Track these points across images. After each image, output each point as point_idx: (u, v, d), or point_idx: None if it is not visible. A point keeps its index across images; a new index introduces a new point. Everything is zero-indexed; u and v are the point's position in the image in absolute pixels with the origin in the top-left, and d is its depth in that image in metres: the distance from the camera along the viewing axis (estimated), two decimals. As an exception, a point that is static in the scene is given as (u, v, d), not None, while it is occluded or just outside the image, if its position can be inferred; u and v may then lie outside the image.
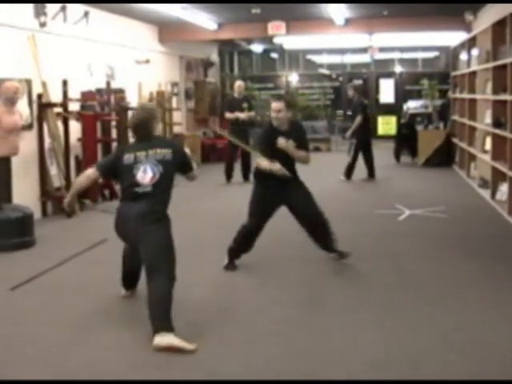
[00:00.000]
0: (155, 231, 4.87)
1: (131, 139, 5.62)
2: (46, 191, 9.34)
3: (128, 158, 4.97)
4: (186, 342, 4.49)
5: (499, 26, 9.16)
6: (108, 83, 11.24)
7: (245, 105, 12.38)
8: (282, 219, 6.62)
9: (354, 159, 12.31)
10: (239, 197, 9.22)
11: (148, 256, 4.84)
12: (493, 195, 9.62)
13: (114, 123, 11.24)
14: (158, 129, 5.29)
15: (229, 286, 6.00)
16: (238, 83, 12.74)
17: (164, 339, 4.49)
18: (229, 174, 12.45)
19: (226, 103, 12.85)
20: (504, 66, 8.74)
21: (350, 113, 13.46)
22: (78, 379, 4.06)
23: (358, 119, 12.22)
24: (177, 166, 5.10)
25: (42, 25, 9.39)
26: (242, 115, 12.18)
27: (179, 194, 5.73)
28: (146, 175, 4.90)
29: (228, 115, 12.28)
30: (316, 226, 6.45)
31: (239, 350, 4.51)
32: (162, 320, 4.60)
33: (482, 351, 4.37)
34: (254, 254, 6.45)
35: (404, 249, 7.24)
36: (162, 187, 5.00)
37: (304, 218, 6.43)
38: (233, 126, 12.16)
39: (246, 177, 12.17)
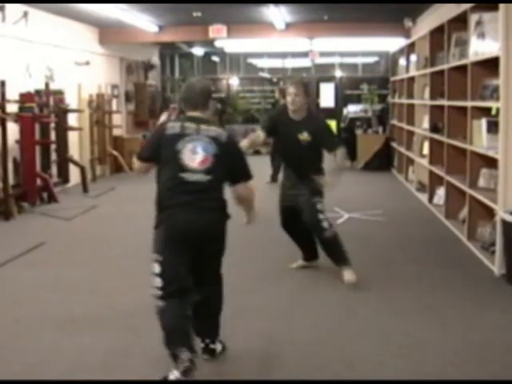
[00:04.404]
0: None
1: (71, 141, 5.53)
2: (-17, 194, 9.16)
3: None
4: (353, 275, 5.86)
5: (437, 33, 9.31)
6: (47, 85, 11.07)
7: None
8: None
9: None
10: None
11: None
12: (430, 199, 9.78)
13: (52, 125, 11.08)
14: None
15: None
16: None
17: (346, 273, 5.90)
18: None
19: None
20: (441, 72, 8.89)
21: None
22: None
23: None
24: None
25: (-21, 24, 9.23)
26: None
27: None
28: None
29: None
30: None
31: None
32: (338, 259, 6.00)
33: (418, 352, 4.44)
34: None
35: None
36: None
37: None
38: None
39: None
